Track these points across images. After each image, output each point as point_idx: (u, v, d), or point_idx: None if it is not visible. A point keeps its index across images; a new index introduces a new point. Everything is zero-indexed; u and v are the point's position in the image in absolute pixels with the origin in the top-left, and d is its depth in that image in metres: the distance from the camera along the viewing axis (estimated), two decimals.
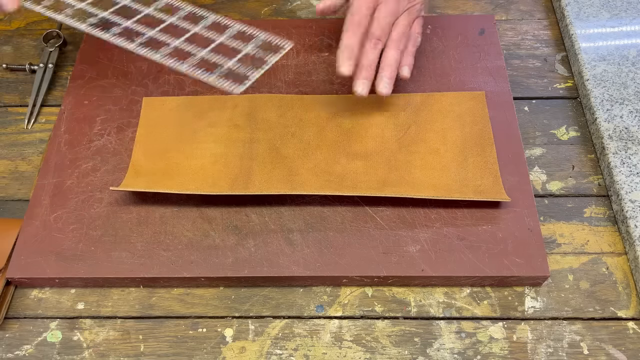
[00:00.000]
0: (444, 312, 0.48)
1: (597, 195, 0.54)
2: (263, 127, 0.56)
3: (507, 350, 0.46)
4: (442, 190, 0.51)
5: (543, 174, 0.55)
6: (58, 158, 0.56)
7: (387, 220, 0.51)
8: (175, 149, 0.55)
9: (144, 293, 0.50)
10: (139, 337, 0.48)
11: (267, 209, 0.52)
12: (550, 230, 0.52)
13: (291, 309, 0.49)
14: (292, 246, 0.50)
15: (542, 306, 0.48)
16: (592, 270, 0.50)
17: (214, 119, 0.57)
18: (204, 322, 0.48)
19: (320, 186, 0.51)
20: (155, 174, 0.53)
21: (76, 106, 0.59)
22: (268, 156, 0.54)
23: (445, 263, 0.48)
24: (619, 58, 0.60)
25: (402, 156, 0.53)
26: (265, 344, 0.47)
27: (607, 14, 0.64)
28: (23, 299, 0.50)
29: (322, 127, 0.56)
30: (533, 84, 0.61)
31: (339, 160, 0.53)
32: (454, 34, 0.63)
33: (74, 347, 0.48)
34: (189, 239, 0.50)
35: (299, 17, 0.69)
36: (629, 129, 0.55)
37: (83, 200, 0.53)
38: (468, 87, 0.59)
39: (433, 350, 0.47)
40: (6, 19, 0.70)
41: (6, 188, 0.57)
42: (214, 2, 0.71)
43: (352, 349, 0.47)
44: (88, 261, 0.49)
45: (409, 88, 0.59)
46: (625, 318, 0.47)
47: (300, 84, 0.60)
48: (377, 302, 0.49)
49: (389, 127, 0.56)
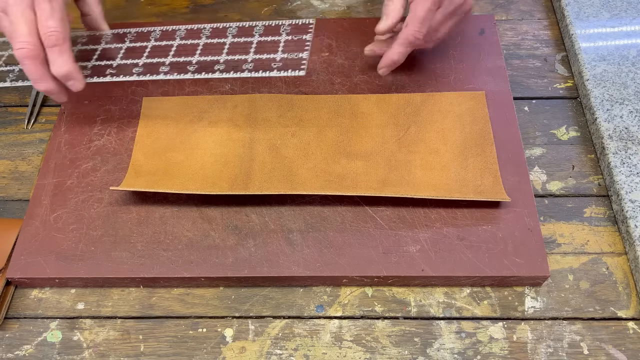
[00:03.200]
0: (444, 312, 0.48)
1: (597, 195, 0.54)
2: (263, 127, 0.56)
3: (507, 350, 0.46)
4: (442, 190, 0.51)
5: (543, 174, 0.55)
6: (58, 158, 0.56)
7: (387, 220, 0.51)
8: (175, 148, 0.55)
9: (144, 293, 0.50)
10: (139, 337, 0.48)
11: (267, 209, 0.52)
12: (550, 230, 0.52)
13: (291, 309, 0.49)
14: (292, 246, 0.50)
15: (542, 306, 0.48)
16: (592, 270, 0.50)
17: (214, 118, 0.57)
18: (204, 322, 0.48)
19: (320, 186, 0.51)
20: (155, 174, 0.53)
21: (76, 106, 0.59)
22: (268, 156, 0.54)
23: (445, 263, 0.48)
24: (619, 58, 0.60)
25: (402, 156, 0.53)
26: (265, 344, 0.47)
27: (607, 14, 0.64)
28: (23, 299, 0.50)
29: (322, 127, 0.56)
30: (533, 84, 0.61)
31: (339, 160, 0.53)
32: (454, 34, 0.63)
33: (74, 347, 0.48)
34: (189, 239, 0.50)
35: (299, 17, 0.69)
36: (629, 129, 0.55)
37: (83, 200, 0.53)
38: (468, 87, 0.59)
39: (433, 350, 0.47)
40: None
41: (6, 188, 0.57)
42: (214, 2, 0.71)
43: (352, 349, 0.47)
44: (88, 261, 0.49)
45: (409, 88, 0.59)
46: (625, 318, 0.47)
47: (300, 84, 0.60)
48: (377, 302, 0.49)
49: (389, 127, 0.56)
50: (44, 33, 0.48)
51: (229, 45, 0.56)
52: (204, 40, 0.57)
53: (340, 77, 0.61)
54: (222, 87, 0.60)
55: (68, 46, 0.49)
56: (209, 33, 0.58)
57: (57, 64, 0.49)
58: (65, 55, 0.49)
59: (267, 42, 0.56)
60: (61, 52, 0.48)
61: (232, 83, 0.61)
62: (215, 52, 0.55)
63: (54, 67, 0.49)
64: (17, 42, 0.47)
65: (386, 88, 0.59)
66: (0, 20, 0.49)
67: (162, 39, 0.58)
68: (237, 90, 0.60)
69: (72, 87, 0.51)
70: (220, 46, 0.56)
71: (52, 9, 0.48)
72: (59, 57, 0.48)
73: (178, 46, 0.57)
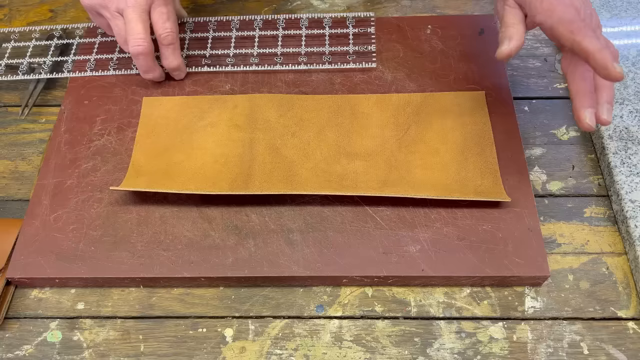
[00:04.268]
0: (444, 312, 0.48)
1: (597, 195, 0.54)
2: (263, 127, 0.56)
3: (507, 350, 0.46)
4: (442, 190, 0.51)
5: (543, 174, 0.55)
6: (58, 158, 0.56)
7: (387, 220, 0.51)
8: (175, 148, 0.55)
9: (144, 293, 0.50)
10: (139, 337, 0.48)
11: (267, 209, 0.52)
12: (550, 230, 0.52)
13: (291, 309, 0.49)
14: (292, 246, 0.50)
15: (542, 306, 0.48)
16: (592, 270, 0.50)
17: (214, 118, 0.57)
18: (204, 322, 0.48)
19: (320, 186, 0.51)
20: (156, 174, 0.53)
21: (76, 106, 0.59)
22: (268, 156, 0.54)
23: (445, 263, 0.48)
24: (619, 58, 0.60)
25: (402, 156, 0.53)
26: (265, 344, 0.47)
27: (607, 14, 0.64)
28: (23, 299, 0.50)
29: (322, 127, 0.56)
30: (533, 83, 0.61)
31: (339, 160, 0.53)
32: (454, 34, 0.63)
33: (74, 347, 0.48)
34: (189, 239, 0.50)
35: None
36: (629, 129, 0.55)
37: (83, 200, 0.53)
38: (468, 87, 0.59)
39: (433, 350, 0.47)
40: (6, 19, 0.70)
41: (6, 188, 0.57)
42: (214, 2, 0.71)
43: (352, 349, 0.47)
44: (88, 261, 0.49)
45: (410, 88, 0.59)
46: (625, 318, 0.47)
47: (300, 84, 0.60)
48: (377, 302, 0.49)
49: (389, 127, 0.56)
50: (161, 33, 0.56)
51: (306, 37, 0.63)
52: (281, 32, 0.63)
53: (340, 77, 0.61)
54: (223, 87, 0.60)
55: (178, 44, 0.58)
56: (283, 24, 0.64)
57: (169, 59, 0.58)
58: (177, 52, 0.58)
59: (337, 34, 0.63)
60: (174, 50, 0.57)
61: (232, 83, 0.61)
62: (295, 44, 0.62)
63: (167, 62, 0.58)
64: (134, 40, 0.55)
65: (386, 88, 0.59)
66: (112, 19, 0.56)
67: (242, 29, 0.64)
68: (237, 90, 0.60)
69: (177, 76, 0.60)
70: (296, 37, 0.63)
71: (169, 12, 0.56)
72: (172, 53, 0.57)
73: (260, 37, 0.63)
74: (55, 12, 0.71)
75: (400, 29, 0.64)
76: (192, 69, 0.61)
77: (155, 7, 0.55)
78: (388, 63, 0.61)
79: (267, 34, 0.63)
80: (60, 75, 0.62)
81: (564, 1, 0.47)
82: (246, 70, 0.61)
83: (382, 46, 0.63)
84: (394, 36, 0.63)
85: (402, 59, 0.62)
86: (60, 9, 0.71)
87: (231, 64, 0.61)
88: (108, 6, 0.56)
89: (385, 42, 0.63)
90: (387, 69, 0.61)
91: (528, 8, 0.49)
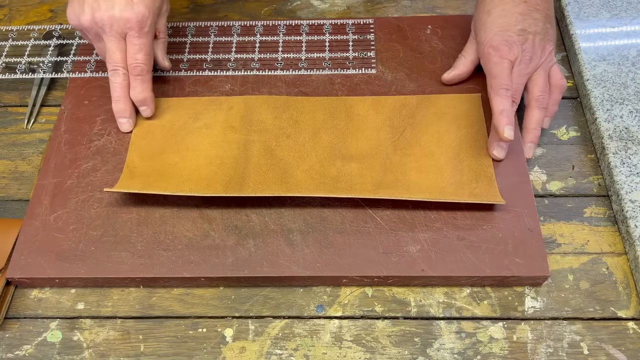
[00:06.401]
0: (444, 312, 0.48)
1: (597, 195, 0.54)
2: (258, 128, 0.56)
3: (507, 350, 0.46)
4: (437, 192, 0.51)
5: (543, 174, 0.55)
6: (58, 158, 0.56)
7: (387, 221, 0.51)
8: (170, 150, 0.55)
9: (144, 293, 0.50)
10: (139, 337, 0.48)
11: (267, 209, 0.52)
12: (550, 230, 0.52)
13: (291, 309, 0.49)
14: (292, 246, 0.50)
15: (542, 306, 0.48)
16: (592, 270, 0.50)
17: (210, 120, 0.57)
18: (204, 322, 0.48)
19: (315, 188, 0.51)
20: (150, 175, 0.53)
21: (76, 106, 0.59)
22: (263, 158, 0.54)
23: (445, 263, 0.48)
24: (619, 58, 0.60)
25: (397, 159, 0.53)
26: (265, 344, 0.47)
27: (607, 14, 0.64)
28: (23, 299, 0.50)
29: (318, 128, 0.56)
30: None
31: (334, 162, 0.53)
32: (454, 34, 0.63)
33: (74, 347, 0.48)
34: (189, 239, 0.50)
35: (298, 17, 0.69)
36: (629, 129, 0.55)
37: (83, 200, 0.53)
38: (468, 87, 0.59)
39: (433, 350, 0.47)
40: (6, 19, 0.70)
41: (6, 188, 0.57)
42: (214, 2, 0.71)
43: (352, 349, 0.47)
44: (88, 261, 0.49)
45: (410, 88, 0.59)
46: (625, 318, 0.47)
47: (300, 84, 0.60)
48: (377, 302, 0.49)
49: (385, 129, 0.55)
50: (131, 64, 0.55)
51: (306, 43, 0.63)
52: (282, 38, 0.64)
53: (341, 77, 0.61)
54: (222, 87, 0.60)
55: (149, 77, 0.56)
56: (284, 30, 0.65)
57: (137, 90, 0.56)
58: (146, 84, 0.56)
59: (337, 40, 0.63)
60: (142, 81, 0.56)
61: (232, 83, 0.61)
62: (296, 50, 0.63)
63: (134, 92, 0.56)
64: (112, 64, 0.55)
65: (386, 88, 0.59)
66: (96, 40, 0.56)
67: (243, 34, 0.65)
68: (237, 90, 0.60)
69: (144, 112, 0.57)
70: (296, 43, 0.63)
71: (142, 44, 0.54)
72: (140, 84, 0.55)
73: (261, 42, 0.64)
74: (55, 12, 0.71)
75: (400, 29, 0.64)
76: (194, 72, 0.62)
77: (130, 37, 0.54)
78: (388, 63, 0.61)
79: (268, 40, 0.64)
80: (60, 75, 0.63)
81: (501, 51, 0.53)
82: (247, 74, 0.61)
83: (382, 46, 0.63)
84: (394, 36, 0.64)
85: (402, 59, 0.62)
86: (60, 9, 0.71)
87: (232, 69, 0.61)
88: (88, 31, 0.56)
89: (385, 42, 0.63)
90: (387, 69, 0.61)
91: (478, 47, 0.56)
